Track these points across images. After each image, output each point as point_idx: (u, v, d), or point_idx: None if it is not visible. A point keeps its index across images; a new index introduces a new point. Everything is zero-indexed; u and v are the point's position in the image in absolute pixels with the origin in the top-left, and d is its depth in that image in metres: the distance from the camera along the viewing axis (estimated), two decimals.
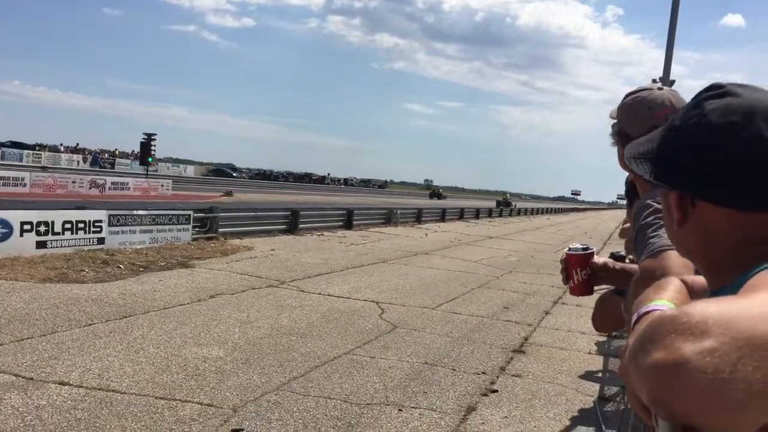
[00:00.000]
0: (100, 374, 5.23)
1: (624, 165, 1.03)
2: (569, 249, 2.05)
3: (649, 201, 1.55)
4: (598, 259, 2.03)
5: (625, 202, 1.84)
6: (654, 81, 2.14)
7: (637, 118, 1.75)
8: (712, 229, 0.88)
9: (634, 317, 0.83)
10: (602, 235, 33.61)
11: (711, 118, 0.86)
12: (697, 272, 1.02)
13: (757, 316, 0.62)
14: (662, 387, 0.61)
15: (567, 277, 2.03)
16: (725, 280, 0.85)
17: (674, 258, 1.34)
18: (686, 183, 0.88)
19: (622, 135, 1.89)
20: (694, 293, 0.93)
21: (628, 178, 2.44)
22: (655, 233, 1.48)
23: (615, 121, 2.03)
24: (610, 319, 2.00)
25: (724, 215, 0.86)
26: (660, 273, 1.26)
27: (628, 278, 1.69)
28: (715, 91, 0.90)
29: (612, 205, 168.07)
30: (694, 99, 0.93)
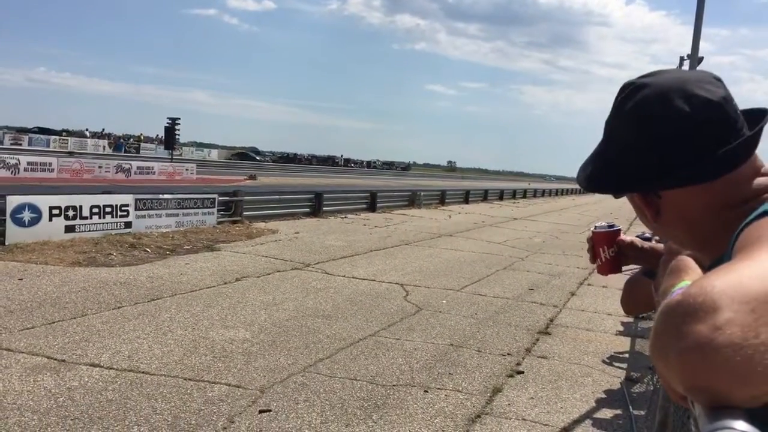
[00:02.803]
0: (129, 356, 5.32)
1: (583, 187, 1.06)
2: (595, 227, 2.03)
3: None
4: (626, 237, 2.01)
5: None
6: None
7: None
8: (684, 210, 0.92)
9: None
10: (628, 215, 33.25)
11: (632, 117, 0.91)
12: None
13: (759, 274, 0.61)
14: (694, 373, 0.59)
15: (594, 256, 2.01)
16: (718, 251, 0.86)
17: None
18: (642, 182, 0.92)
19: None
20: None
21: None
22: None
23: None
24: (640, 302, 1.97)
25: (689, 194, 0.89)
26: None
27: (656, 257, 1.66)
28: (626, 91, 0.94)
29: None
30: (612, 108, 0.97)
